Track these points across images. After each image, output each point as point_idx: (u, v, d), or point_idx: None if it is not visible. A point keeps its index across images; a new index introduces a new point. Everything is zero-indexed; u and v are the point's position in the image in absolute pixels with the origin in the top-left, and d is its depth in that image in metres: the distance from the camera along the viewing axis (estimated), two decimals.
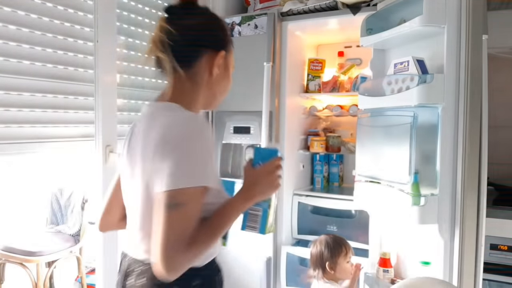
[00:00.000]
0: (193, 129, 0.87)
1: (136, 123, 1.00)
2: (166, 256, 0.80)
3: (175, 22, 0.93)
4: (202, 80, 0.98)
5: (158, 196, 0.83)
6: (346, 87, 2.35)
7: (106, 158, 1.69)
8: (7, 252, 2.29)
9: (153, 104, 1.00)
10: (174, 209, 0.81)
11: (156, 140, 0.86)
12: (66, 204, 2.62)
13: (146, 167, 0.89)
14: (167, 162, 0.83)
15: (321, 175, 2.48)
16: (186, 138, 0.85)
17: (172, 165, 0.82)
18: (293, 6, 2.25)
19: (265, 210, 1.02)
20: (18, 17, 1.47)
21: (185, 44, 0.94)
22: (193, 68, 0.96)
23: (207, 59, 0.97)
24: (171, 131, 0.86)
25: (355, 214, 2.14)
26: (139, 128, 0.96)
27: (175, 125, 0.87)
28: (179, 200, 0.82)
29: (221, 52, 0.98)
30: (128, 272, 0.97)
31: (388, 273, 1.77)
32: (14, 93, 1.48)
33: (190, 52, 0.95)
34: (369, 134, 1.84)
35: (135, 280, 0.94)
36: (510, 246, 1.72)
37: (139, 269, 0.93)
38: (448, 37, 1.48)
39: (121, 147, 1.08)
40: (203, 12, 1.02)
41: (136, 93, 2.02)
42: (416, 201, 1.50)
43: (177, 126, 0.87)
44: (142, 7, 2.02)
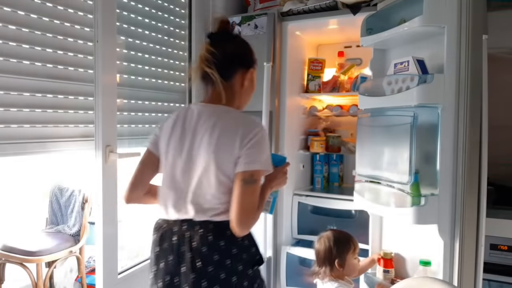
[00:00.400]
0: (263, 131, 1.20)
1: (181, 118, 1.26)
2: (243, 219, 1.12)
3: (217, 46, 1.23)
4: (237, 90, 1.28)
5: (238, 174, 1.14)
6: (346, 87, 2.36)
7: (106, 158, 1.68)
8: (7, 252, 2.29)
9: (206, 105, 1.26)
10: (252, 183, 1.14)
11: (236, 136, 1.15)
12: (66, 204, 2.62)
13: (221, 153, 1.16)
14: (249, 152, 1.14)
15: (321, 175, 2.49)
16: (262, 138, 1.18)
17: (251, 153, 1.14)
18: (293, 6, 2.25)
19: (274, 198, 1.39)
20: (18, 17, 1.47)
21: (225, 62, 1.24)
22: (231, 81, 1.26)
23: (240, 74, 1.28)
24: (251, 131, 1.17)
25: (355, 214, 2.14)
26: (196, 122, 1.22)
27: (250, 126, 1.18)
28: (255, 178, 1.15)
29: (250, 69, 1.30)
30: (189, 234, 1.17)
31: (389, 273, 1.77)
32: (14, 93, 1.48)
33: (229, 69, 1.25)
34: (369, 134, 1.84)
35: (200, 239, 1.15)
36: (510, 246, 1.72)
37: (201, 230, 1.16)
38: (448, 37, 1.48)
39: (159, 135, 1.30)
40: (236, 37, 1.34)
41: (136, 93, 2.02)
42: (416, 201, 1.50)
43: (254, 129, 1.18)
44: (142, 7, 2.02)
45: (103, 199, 1.70)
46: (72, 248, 2.43)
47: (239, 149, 1.15)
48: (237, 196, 1.13)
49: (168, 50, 2.22)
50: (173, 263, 1.19)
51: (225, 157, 1.15)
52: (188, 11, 2.35)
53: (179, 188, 1.22)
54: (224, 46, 1.25)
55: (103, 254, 1.71)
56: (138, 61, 2.01)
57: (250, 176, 1.14)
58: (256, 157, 1.15)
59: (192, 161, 1.20)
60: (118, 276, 1.82)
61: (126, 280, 1.87)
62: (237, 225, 1.12)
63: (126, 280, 1.87)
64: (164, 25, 2.18)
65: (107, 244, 1.73)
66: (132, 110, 2.00)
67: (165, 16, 2.18)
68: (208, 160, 1.16)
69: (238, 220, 1.12)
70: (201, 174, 1.18)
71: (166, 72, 2.21)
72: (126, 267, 1.94)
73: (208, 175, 1.17)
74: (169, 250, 1.21)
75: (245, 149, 1.14)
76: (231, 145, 1.15)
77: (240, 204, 1.12)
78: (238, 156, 1.15)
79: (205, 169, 1.17)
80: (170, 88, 2.25)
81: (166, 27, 2.19)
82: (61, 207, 2.64)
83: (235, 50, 1.28)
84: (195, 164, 1.19)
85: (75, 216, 2.55)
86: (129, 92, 1.97)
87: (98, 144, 1.67)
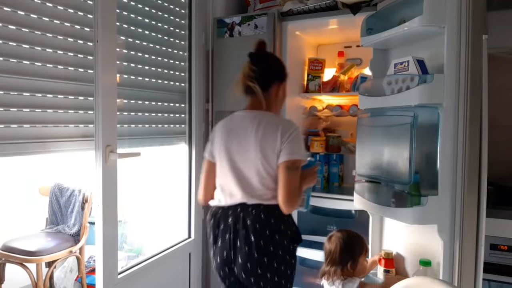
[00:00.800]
0: (298, 129, 1.47)
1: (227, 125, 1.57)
2: (292, 197, 1.41)
3: (256, 64, 1.54)
4: (273, 98, 1.56)
5: (282, 163, 1.41)
6: (346, 87, 2.36)
7: (106, 158, 1.68)
8: (7, 252, 2.29)
9: (249, 111, 1.55)
10: (294, 170, 1.42)
11: (277, 132, 1.43)
12: (66, 204, 2.62)
13: (266, 148, 1.44)
14: (289, 145, 1.42)
15: (321, 175, 2.48)
16: (297, 134, 1.46)
17: (293, 148, 1.42)
18: (293, 6, 2.25)
19: (308, 195, 1.64)
20: (18, 17, 1.47)
21: (264, 77, 1.53)
22: (268, 91, 1.54)
23: (276, 87, 1.56)
24: (289, 129, 1.44)
25: (355, 214, 2.14)
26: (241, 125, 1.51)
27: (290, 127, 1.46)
28: (296, 165, 1.43)
29: (283, 83, 1.59)
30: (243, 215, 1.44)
31: (389, 273, 1.77)
32: (14, 93, 1.48)
33: (267, 82, 1.54)
34: (369, 134, 1.84)
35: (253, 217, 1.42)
36: (510, 246, 1.72)
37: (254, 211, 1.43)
38: (448, 37, 1.48)
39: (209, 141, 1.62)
40: (271, 56, 1.73)
41: (136, 93, 2.02)
42: (416, 201, 1.51)
43: (291, 127, 1.46)
44: (142, 7, 2.02)
45: (103, 199, 1.69)
46: (72, 248, 2.43)
47: (280, 143, 1.42)
48: (284, 180, 1.41)
49: (168, 50, 2.22)
50: (229, 240, 1.44)
51: (269, 151, 1.43)
52: (188, 11, 2.35)
53: (233, 179, 1.48)
54: (262, 63, 1.55)
55: (103, 254, 1.71)
56: (138, 61, 2.01)
57: (292, 164, 1.42)
58: (296, 149, 1.43)
59: (242, 157, 1.48)
60: (118, 276, 1.82)
61: (126, 280, 1.87)
62: (285, 204, 1.40)
63: (126, 280, 1.87)
64: (164, 25, 2.18)
65: (107, 244, 1.72)
66: (132, 110, 2.00)
67: (165, 16, 2.18)
68: (256, 154, 1.45)
69: (286, 199, 1.40)
70: (250, 166, 1.46)
71: (166, 72, 2.21)
72: (126, 267, 1.94)
73: (257, 167, 1.45)
74: (226, 229, 1.46)
75: (285, 143, 1.42)
76: (273, 141, 1.43)
77: (287, 186, 1.40)
78: (280, 149, 1.42)
79: (253, 162, 1.45)
80: (170, 88, 2.25)
81: (166, 27, 2.19)
82: (61, 207, 2.64)
83: (271, 67, 1.59)
84: (245, 159, 1.47)
85: (75, 216, 2.55)
86: (129, 92, 1.97)
87: (98, 144, 1.67)
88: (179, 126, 2.34)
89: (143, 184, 2.67)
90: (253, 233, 1.40)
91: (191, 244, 2.39)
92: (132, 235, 2.83)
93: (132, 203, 2.73)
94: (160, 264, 2.13)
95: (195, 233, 2.40)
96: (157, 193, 2.58)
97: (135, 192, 2.69)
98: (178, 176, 2.40)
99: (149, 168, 2.59)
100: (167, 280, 2.21)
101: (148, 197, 2.67)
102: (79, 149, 1.74)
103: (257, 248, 1.39)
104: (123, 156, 1.74)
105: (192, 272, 2.41)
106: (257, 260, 1.40)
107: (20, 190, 2.80)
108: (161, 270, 2.15)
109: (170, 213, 2.47)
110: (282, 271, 1.43)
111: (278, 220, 1.43)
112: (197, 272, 2.45)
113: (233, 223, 1.45)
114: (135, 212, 2.81)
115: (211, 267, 2.44)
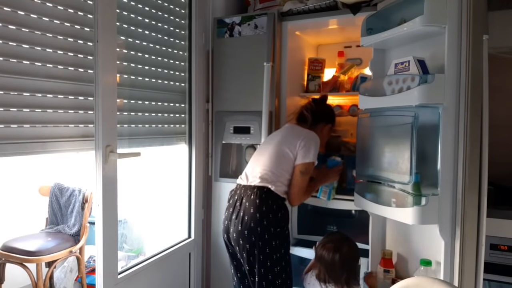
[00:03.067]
0: (315, 140, 1.84)
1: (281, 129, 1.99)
2: (298, 196, 1.80)
3: (316, 104, 2.01)
4: (317, 132, 1.91)
5: (297, 166, 1.78)
6: (346, 87, 2.35)
7: (106, 158, 1.68)
8: (7, 252, 2.28)
9: (298, 126, 1.94)
10: (304, 174, 1.78)
11: (300, 139, 1.81)
12: (66, 204, 2.62)
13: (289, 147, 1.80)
14: (304, 149, 1.78)
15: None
16: (312, 142, 1.81)
17: (307, 152, 1.78)
18: (293, 6, 2.25)
19: (330, 189, 2.10)
20: (18, 17, 1.47)
21: (317, 114, 1.96)
22: (316, 126, 1.95)
23: (322, 124, 1.98)
24: (308, 138, 1.82)
25: (355, 214, 2.14)
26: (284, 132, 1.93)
27: (309, 137, 1.83)
28: (308, 168, 1.78)
29: (328, 125, 2.01)
30: (243, 193, 1.78)
31: (389, 273, 1.77)
32: (14, 93, 1.48)
33: (318, 119, 1.96)
34: (370, 134, 1.84)
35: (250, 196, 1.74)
36: (510, 246, 1.72)
37: (253, 191, 1.74)
38: (449, 37, 1.48)
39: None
40: (327, 105, 2.09)
41: (136, 93, 2.02)
42: (417, 201, 1.51)
43: (310, 137, 1.83)
44: (142, 7, 2.02)
45: (103, 199, 1.69)
46: (72, 248, 2.43)
47: (299, 147, 1.79)
48: (296, 181, 1.78)
49: (168, 50, 2.21)
50: (230, 212, 1.79)
51: (285, 149, 1.80)
52: (188, 11, 2.34)
53: (253, 166, 1.85)
54: (319, 106, 2.01)
55: (103, 254, 1.71)
56: (138, 61, 2.01)
57: (305, 167, 1.77)
58: (309, 153, 1.78)
59: (265, 149, 1.87)
60: (118, 276, 1.82)
61: (126, 280, 1.87)
62: (294, 199, 1.80)
63: (126, 280, 1.87)
64: (164, 25, 2.17)
65: (107, 244, 1.72)
66: (132, 110, 2.00)
67: (165, 16, 2.18)
68: (276, 146, 1.83)
69: (295, 196, 1.79)
70: (268, 155, 1.82)
71: (166, 72, 2.21)
72: (126, 267, 1.94)
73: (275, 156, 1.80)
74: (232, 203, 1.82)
75: (299, 149, 1.78)
76: (294, 144, 1.80)
77: (298, 186, 1.78)
78: (296, 153, 1.79)
79: (272, 152, 1.82)
80: (170, 88, 2.25)
81: (166, 27, 2.19)
82: (61, 207, 2.64)
83: (325, 111, 2.01)
84: (266, 149, 1.85)
85: (75, 216, 2.54)
86: (129, 92, 1.97)
87: (98, 144, 1.67)
88: (179, 126, 2.34)
89: (143, 184, 2.66)
90: (248, 209, 1.72)
91: (191, 244, 2.39)
92: (132, 235, 2.83)
93: (132, 203, 2.73)
94: (160, 264, 2.13)
95: (195, 233, 2.40)
96: (157, 193, 2.58)
97: (135, 192, 2.69)
98: (178, 176, 2.40)
99: (149, 168, 2.59)
100: (167, 280, 2.21)
101: (148, 197, 2.67)
102: (79, 149, 1.74)
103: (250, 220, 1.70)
104: (123, 156, 1.74)
105: (192, 272, 2.41)
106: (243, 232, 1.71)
107: (20, 190, 2.80)
108: (161, 270, 2.14)
109: (170, 213, 2.47)
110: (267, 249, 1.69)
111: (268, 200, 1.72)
112: (197, 272, 2.45)
113: (239, 199, 1.79)
114: (135, 212, 2.81)
115: (211, 267, 2.44)
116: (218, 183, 2.42)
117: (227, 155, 2.43)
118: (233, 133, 2.36)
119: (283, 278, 1.72)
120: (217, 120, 2.42)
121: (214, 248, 2.43)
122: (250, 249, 1.71)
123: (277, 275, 1.70)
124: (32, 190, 2.74)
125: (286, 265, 1.74)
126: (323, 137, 1.96)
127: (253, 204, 1.71)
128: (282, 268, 1.72)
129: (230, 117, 2.37)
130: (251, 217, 1.70)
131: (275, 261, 1.70)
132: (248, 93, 2.28)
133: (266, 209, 1.70)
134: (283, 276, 1.72)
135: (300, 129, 1.89)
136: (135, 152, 1.88)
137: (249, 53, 2.27)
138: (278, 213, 1.72)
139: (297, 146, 1.78)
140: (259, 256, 1.69)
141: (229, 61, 2.36)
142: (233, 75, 2.36)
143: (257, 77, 2.21)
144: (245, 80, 2.31)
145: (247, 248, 1.71)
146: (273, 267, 1.69)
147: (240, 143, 2.36)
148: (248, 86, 2.29)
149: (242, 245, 1.72)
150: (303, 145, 1.78)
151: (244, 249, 1.72)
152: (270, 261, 1.69)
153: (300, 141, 1.78)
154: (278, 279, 1.70)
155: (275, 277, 1.70)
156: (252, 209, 1.70)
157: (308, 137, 1.81)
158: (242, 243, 1.72)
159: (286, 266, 1.74)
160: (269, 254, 1.69)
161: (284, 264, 1.73)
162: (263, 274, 1.69)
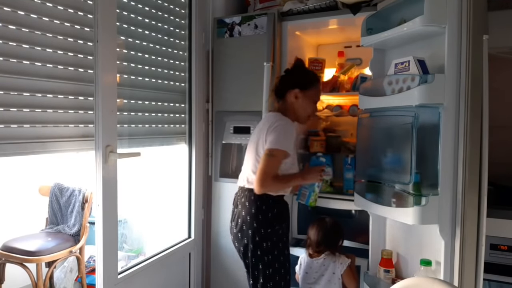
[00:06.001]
0: (284, 123, 1.69)
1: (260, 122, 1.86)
2: (260, 179, 1.64)
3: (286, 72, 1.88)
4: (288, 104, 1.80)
5: (265, 151, 1.66)
6: (346, 87, 2.35)
7: (106, 158, 1.68)
8: (7, 252, 2.28)
9: (270, 114, 1.82)
10: (270, 157, 1.65)
11: (267, 126, 1.70)
12: (66, 204, 2.61)
13: (259, 138, 1.72)
14: (271, 136, 1.66)
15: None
16: (280, 127, 1.67)
17: (273, 137, 1.65)
18: (293, 6, 2.25)
19: (310, 192, 1.90)
20: (18, 17, 1.47)
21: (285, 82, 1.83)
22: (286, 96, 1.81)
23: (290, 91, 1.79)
24: (275, 122, 1.69)
25: (355, 214, 2.14)
26: (260, 125, 1.80)
27: (276, 124, 1.69)
28: (273, 153, 1.64)
29: (295, 89, 1.78)
30: (238, 196, 1.80)
31: (389, 273, 1.77)
32: (14, 93, 1.48)
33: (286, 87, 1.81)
34: (370, 134, 1.84)
35: (242, 199, 1.76)
36: (510, 246, 1.72)
37: (244, 194, 1.75)
38: (449, 37, 1.48)
39: None
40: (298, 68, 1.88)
41: (136, 93, 2.02)
42: (417, 201, 1.50)
43: (277, 121, 1.70)
44: (142, 7, 2.02)
45: (103, 199, 1.69)
46: (72, 248, 2.43)
47: (266, 135, 1.68)
48: (261, 163, 1.66)
49: (168, 50, 2.21)
50: (231, 215, 1.83)
51: (260, 141, 1.71)
52: (188, 11, 2.34)
53: (243, 166, 1.82)
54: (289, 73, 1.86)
55: (103, 254, 1.71)
56: (138, 61, 2.01)
57: (270, 151, 1.65)
58: (275, 139, 1.65)
59: (248, 147, 1.82)
60: (118, 276, 1.82)
61: (126, 280, 1.87)
62: (256, 184, 1.66)
63: (126, 280, 1.87)
64: (164, 25, 2.17)
65: (107, 244, 1.72)
66: (132, 110, 2.00)
67: (165, 16, 2.18)
68: (252, 145, 1.77)
69: (259, 179, 1.65)
70: (249, 156, 1.78)
71: (166, 72, 2.21)
72: (126, 267, 1.94)
73: (253, 156, 1.74)
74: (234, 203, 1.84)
75: (268, 134, 1.67)
76: (263, 138, 1.70)
77: (263, 168, 1.64)
78: (265, 139, 1.68)
79: (250, 152, 1.76)
80: (170, 88, 2.25)
81: (166, 27, 2.19)
82: (61, 207, 2.64)
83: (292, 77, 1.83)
84: (248, 150, 1.80)
85: (75, 216, 2.54)
86: (129, 92, 1.97)
87: (98, 144, 1.67)
88: (179, 126, 2.34)
89: (143, 184, 2.66)
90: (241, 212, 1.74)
91: (191, 244, 2.39)
92: (132, 235, 2.83)
93: (132, 203, 2.73)
94: (160, 264, 2.13)
95: (195, 233, 2.40)
96: (157, 193, 2.58)
97: (136, 192, 2.69)
98: (178, 176, 2.40)
99: (149, 168, 2.59)
100: (167, 280, 2.21)
101: (148, 197, 2.67)
102: (79, 149, 1.74)
103: (242, 223, 1.73)
104: (123, 156, 1.74)
105: (192, 272, 2.41)
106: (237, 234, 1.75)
107: (20, 190, 2.80)
108: (161, 270, 2.14)
109: (170, 213, 2.47)
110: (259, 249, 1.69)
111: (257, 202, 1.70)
112: (197, 272, 2.45)
113: (236, 199, 1.83)
114: (135, 212, 2.81)
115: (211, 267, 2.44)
116: (218, 183, 2.42)
117: (227, 155, 2.43)
118: (233, 133, 2.36)
119: (275, 281, 1.70)
120: (217, 120, 2.42)
121: (214, 248, 2.43)
122: (244, 251, 1.73)
123: (269, 278, 1.69)
124: (32, 190, 2.74)
125: (281, 267, 1.71)
126: (299, 107, 1.78)
127: (244, 206, 1.73)
128: (275, 270, 1.70)
129: (230, 117, 2.37)
130: (243, 220, 1.73)
131: (267, 263, 1.69)
132: (248, 93, 2.28)
133: (255, 211, 1.69)
134: (276, 278, 1.70)
135: (269, 116, 1.78)
136: (135, 152, 1.88)
137: (249, 53, 2.27)
138: (268, 213, 1.69)
139: (265, 137, 1.68)
140: (252, 259, 1.70)
141: (229, 61, 2.35)
142: (233, 75, 2.36)
143: (257, 77, 2.21)
144: (245, 80, 2.31)
145: (241, 251, 1.75)
146: (264, 269, 1.69)
147: (240, 143, 2.36)
148: (248, 86, 2.29)
149: (238, 248, 1.78)
150: (270, 132, 1.67)
151: (240, 252, 1.77)
152: (262, 263, 1.69)
153: (266, 131, 1.68)
154: (270, 281, 1.69)
155: (267, 280, 1.69)
156: (244, 211, 1.73)
157: (275, 124, 1.68)
158: (237, 246, 1.78)
159: (280, 268, 1.71)
160: (260, 257, 1.69)
161: (278, 265, 1.70)
162: (256, 276, 1.70)
